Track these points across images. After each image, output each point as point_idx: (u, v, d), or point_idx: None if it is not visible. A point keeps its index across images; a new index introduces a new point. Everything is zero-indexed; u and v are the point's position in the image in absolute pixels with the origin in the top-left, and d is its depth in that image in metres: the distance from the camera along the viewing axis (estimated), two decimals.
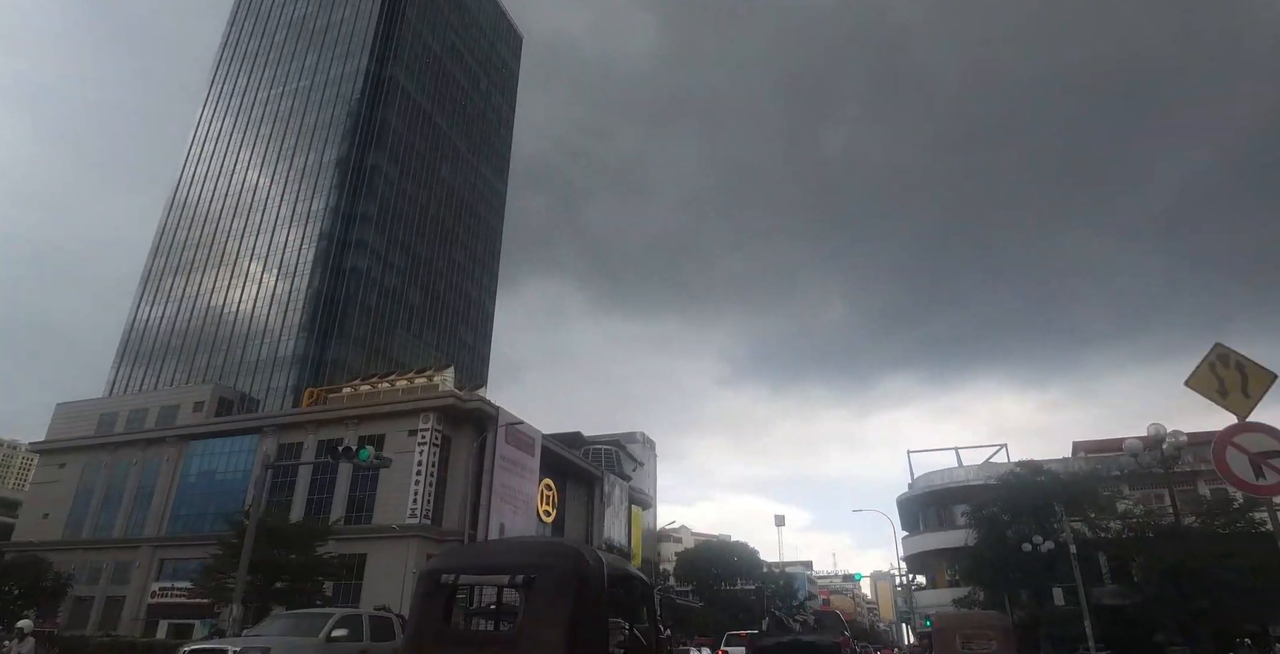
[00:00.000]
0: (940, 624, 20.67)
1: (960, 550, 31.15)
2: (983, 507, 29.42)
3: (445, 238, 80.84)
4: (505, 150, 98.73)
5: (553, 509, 59.99)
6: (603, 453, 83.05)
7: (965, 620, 20.79)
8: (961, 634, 19.32)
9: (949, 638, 19.34)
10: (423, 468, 46.21)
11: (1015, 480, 29.26)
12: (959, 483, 37.85)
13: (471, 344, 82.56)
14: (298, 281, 64.79)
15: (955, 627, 19.79)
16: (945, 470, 39.00)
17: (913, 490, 41.42)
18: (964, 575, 29.99)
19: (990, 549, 28.09)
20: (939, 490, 39.50)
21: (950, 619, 21.33)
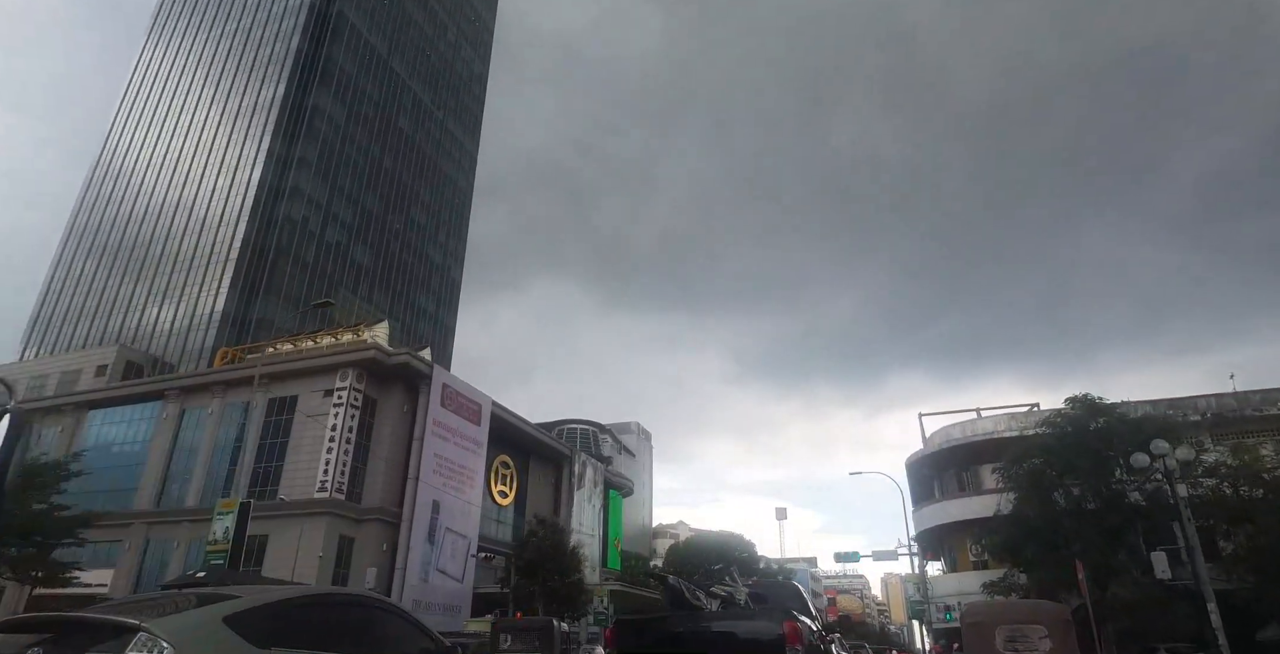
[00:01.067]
0: (974, 618, 14.86)
1: (990, 522, 23.94)
2: (1021, 459, 22.21)
3: (403, 194, 73.84)
4: (477, 109, 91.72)
5: (510, 490, 52.81)
6: (578, 433, 76.02)
7: (1007, 612, 15.52)
8: (1003, 630, 13.72)
9: (985, 635, 13.63)
10: (337, 433, 39.09)
11: (1067, 422, 22.09)
12: (986, 435, 30.02)
13: (433, 313, 75.51)
14: (224, 233, 57.88)
15: (994, 620, 14.21)
16: (968, 421, 31.58)
17: (926, 449, 33.61)
18: (998, 552, 22.77)
19: (1037, 513, 20.90)
20: (961, 446, 30.96)
21: (986, 611, 15.61)
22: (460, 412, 44.37)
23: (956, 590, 29.27)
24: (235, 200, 58.95)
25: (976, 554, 28.99)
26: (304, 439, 40.08)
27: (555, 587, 27.11)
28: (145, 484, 43.94)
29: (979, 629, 13.91)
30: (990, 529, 23.48)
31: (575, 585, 27.23)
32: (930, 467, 34.14)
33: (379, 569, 38.20)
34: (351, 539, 38.68)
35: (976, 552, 28.83)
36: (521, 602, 27.79)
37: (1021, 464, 22.34)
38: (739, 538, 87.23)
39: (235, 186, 59.68)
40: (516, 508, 53.94)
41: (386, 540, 38.87)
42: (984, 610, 15.14)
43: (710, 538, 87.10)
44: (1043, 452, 21.91)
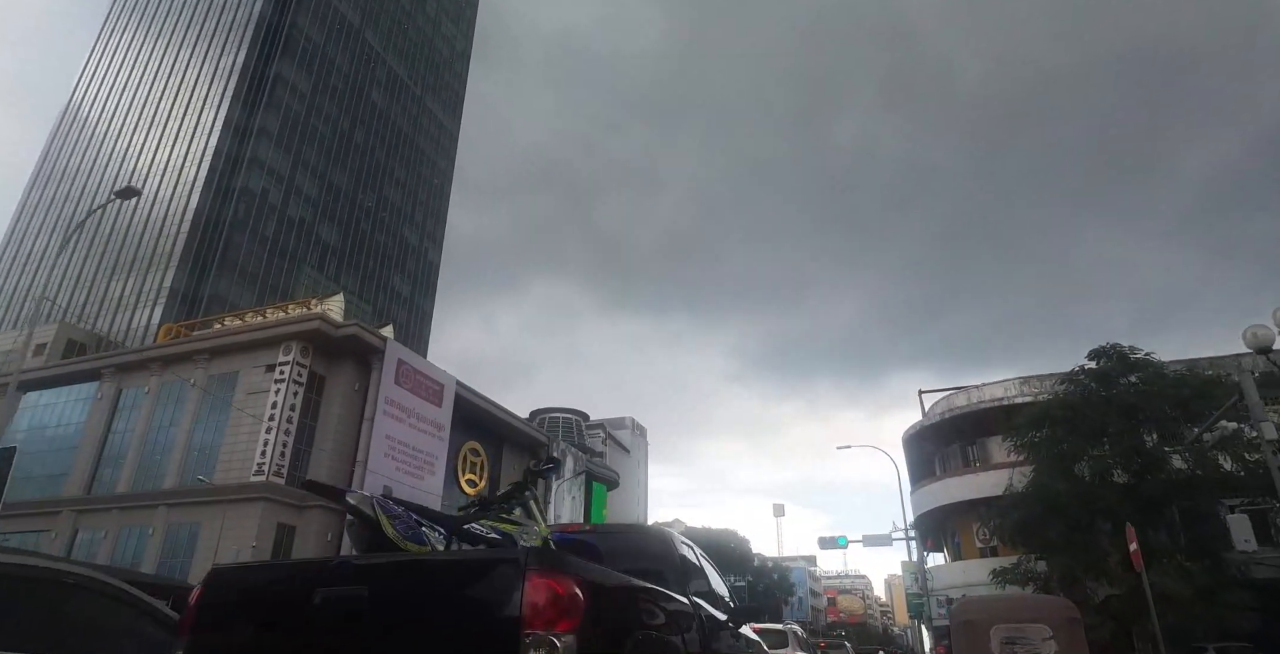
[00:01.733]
0: (965, 615, 12.51)
1: (1000, 501, 20.38)
2: (1039, 423, 18.63)
3: (376, 172, 70.39)
4: (459, 87, 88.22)
5: (480, 478, 49.29)
6: (560, 422, 72.57)
7: (1005, 609, 13.08)
8: (1000, 630, 11.50)
9: (978, 636, 11.37)
10: (278, 412, 35.67)
11: (1092, 379, 18.55)
12: (995, 402, 25.76)
13: (408, 297, 72.03)
14: (176, 205, 54.48)
15: (989, 618, 11.96)
16: (976, 387, 27.91)
17: (926, 420, 29.26)
18: (1012, 534, 19.17)
19: (1060, 486, 17.33)
20: (966, 415, 26.80)
21: (980, 608, 13.25)
22: (419, 391, 40.90)
23: (962, 581, 25.58)
24: (189, 171, 55.60)
25: (984, 539, 25.29)
26: (244, 419, 36.66)
27: None
28: (77, 470, 40.56)
29: (971, 629, 11.34)
30: (1001, 509, 19.96)
31: None
32: (931, 440, 29.88)
33: None
34: (292, 527, 35.25)
35: (984, 536, 25.15)
36: None
37: (1040, 429, 18.83)
38: (732, 534, 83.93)
39: (190, 156, 56.35)
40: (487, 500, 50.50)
41: (332, 530, 35.36)
42: (977, 607, 12.82)
43: (700, 534, 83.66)
44: (1064, 413, 18.36)
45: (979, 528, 24.99)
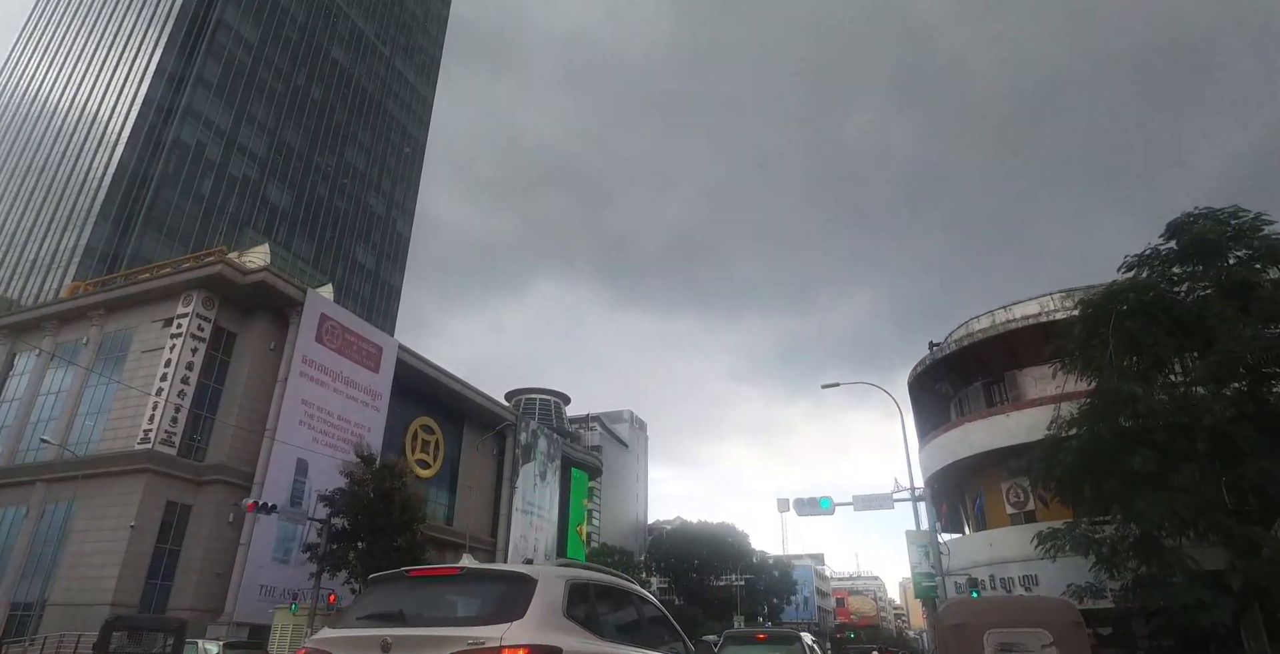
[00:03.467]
0: (955, 618, 9.76)
1: (1038, 448, 14.75)
2: (1103, 323, 12.85)
3: (335, 133, 65.41)
4: (434, 51, 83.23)
5: (433, 459, 44.13)
6: (536, 403, 67.38)
7: (999, 612, 10.33)
8: (994, 636, 8.98)
9: (969, 642, 8.84)
10: (171, 371, 30.63)
11: (1182, 254, 12.82)
12: (1028, 320, 19.35)
13: (373, 270, 66.97)
14: (99, 158, 49.65)
15: (981, 622, 9.37)
16: (1002, 308, 21.94)
17: (940, 351, 22.20)
18: (1066, 482, 13.48)
19: (1142, 405, 11.61)
20: (991, 340, 20.30)
21: (972, 611, 10.53)
22: (349, 352, 35.74)
23: (988, 557, 19.60)
24: (116, 121, 50.77)
25: (1017, 500, 19.66)
26: (136, 381, 31.58)
27: (382, 549, 18.49)
28: None
29: (962, 634, 9.10)
30: (1045, 452, 14.42)
31: (405, 550, 18.55)
32: (945, 377, 22.83)
33: (222, 545, 29.68)
34: (188, 507, 30.21)
35: (1017, 497, 19.55)
36: (339, 569, 19.20)
37: (1102, 333, 13.12)
38: (730, 528, 78.47)
39: (119, 107, 51.56)
40: (443, 481, 45.35)
41: (234, 511, 30.15)
42: (968, 610, 10.49)
43: (696, 528, 78.20)
44: (1142, 302, 12.70)
45: (1010, 488, 19.43)
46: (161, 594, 28.59)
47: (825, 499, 17.11)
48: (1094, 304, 13.27)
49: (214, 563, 29.23)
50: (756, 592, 77.54)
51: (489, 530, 48.15)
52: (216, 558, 29.45)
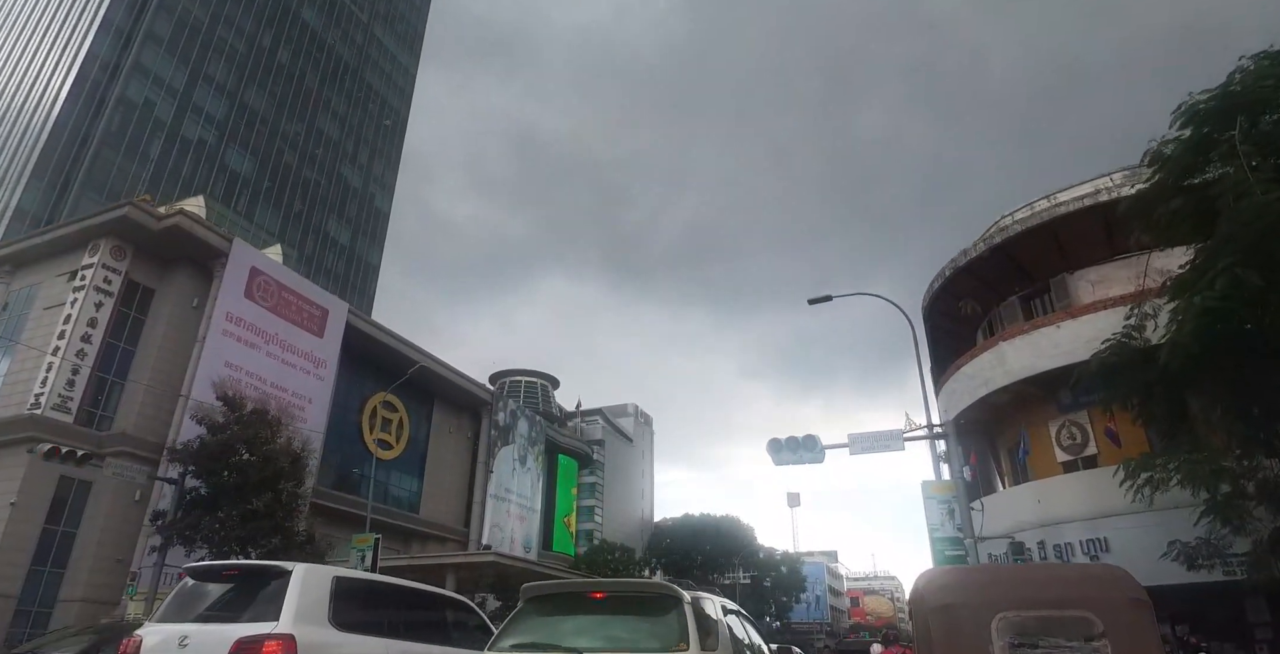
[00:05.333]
0: (942, 595, 4.62)
1: (1111, 351, 10.41)
2: (1214, 143, 8.53)
3: (305, 99, 61.74)
4: (418, 22, 79.57)
5: (396, 441, 40.19)
6: (522, 386, 63.31)
7: (1014, 585, 4.76)
8: (1007, 621, 4.07)
9: (966, 628, 4.11)
10: (70, 327, 26.83)
11: None
12: (1087, 200, 14.63)
13: (347, 245, 63.23)
14: (37, 116, 46.22)
15: (984, 600, 4.32)
16: (1043, 198, 16.46)
17: (967, 255, 17.55)
18: (1160, 387, 9.20)
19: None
20: (1032, 234, 15.74)
21: (968, 583, 5.01)
22: (286, 312, 31.87)
23: (1035, 517, 14.98)
24: (56, 79, 47.28)
25: (1073, 441, 15.18)
26: (35, 341, 27.82)
27: (241, 516, 14.50)
28: None
29: (952, 620, 4.45)
30: (1117, 356, 10.10)
31: (266, 515, 14.54)
32: (972, 291, 18.00)
33: (126, 527, 25.80)
34: (86, 482, 26.30)
35: (1073, 437, 15.13)
36: (194, 543, 15.18)
37: (1224, 142, 8.63)
38: (734, 521, 74.07)
39: (61, 63, 48.06)
40: (409, 466, 41.40)
41: (141, 488, 26.22)
42: (963, 584, 5.23)
43: (699, 521, 73.80)
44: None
45: (1062, 426, 14.92)
46: (50, 583, 24.82)
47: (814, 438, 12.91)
48: (1223, 97, 8.69)
49: (114, 547, 25.38)
50: (763, 589, 73.13)
51: (462, 520, 44.23)
52: (118, 542, 25.60)
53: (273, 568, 7.97)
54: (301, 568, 7.84)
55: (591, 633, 4.95)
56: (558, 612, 5.39)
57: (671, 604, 4.89)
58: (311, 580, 7.93)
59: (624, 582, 5.96)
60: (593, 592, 5.34)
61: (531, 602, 5.53)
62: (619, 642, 4.81)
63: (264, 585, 8.00)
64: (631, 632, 4.93)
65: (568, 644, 4.80)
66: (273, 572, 7.96)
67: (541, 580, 5.95)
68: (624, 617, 5.13)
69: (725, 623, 5.60)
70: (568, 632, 5.08)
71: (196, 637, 7.51)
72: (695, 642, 4.57)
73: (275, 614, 7.48)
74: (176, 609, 8.16)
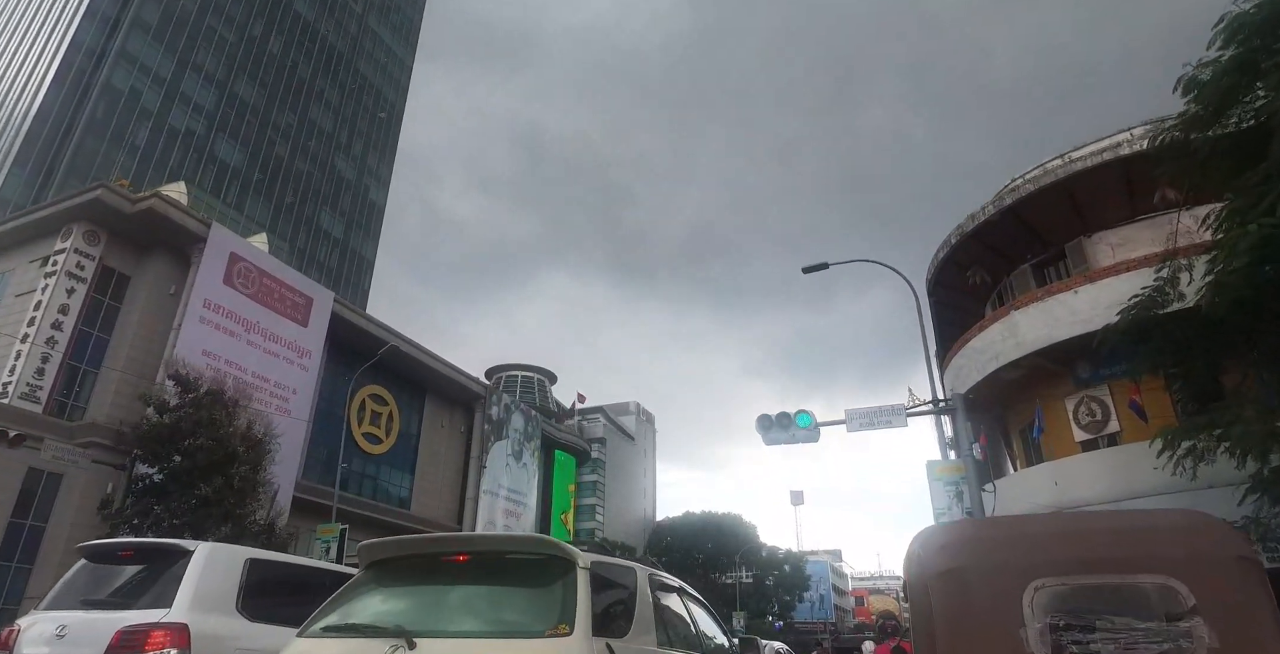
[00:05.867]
0: (946, 558, 2.88)
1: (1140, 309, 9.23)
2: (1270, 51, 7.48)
3: (298, 90, 60.92)
4: (414, 12, 78.68)
5: (385, 434, 39.24)
6: (519, 380, 62.39)
7: (1060, 541, 2.86)
8: (1048, 592, 2.50)
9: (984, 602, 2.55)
10: (41, 314, 25.91)
11: None
12: (1107, 154, 13.45)
13: (340, 239, 62.36)
14: (21, 104, 45.46)
15: (1014, 561, 2.69)
16: (1060, 155, 15.31)
17: (977, 219, 16.28)
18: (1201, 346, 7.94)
19: None
20: (1050, 190, 14.53)
21: (987, 541, 3.06)
22: (267, 300, 30.89)
23: (1052, 500, 13.52)
24: (41, 66, 46.51)
25: (1093, 417, 13.94)
26: (5, 329, 26.91)
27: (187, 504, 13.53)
28: None
29: (963, 587, 2.76)
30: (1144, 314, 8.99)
31: (216, 502, 13.47)
32: (980, 259, 16.78)
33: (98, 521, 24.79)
34: (57, 475, 25.26)
35: (1092, 413, 13.89)
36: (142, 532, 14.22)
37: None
38: (735, 518, 73.04)
39: (46, 51, 47.28)
40: (400, 460, 40.44)
41: (113, 479, 25.28)
42: (980, 540, 3.18)
43: (700, 518, 72.81)
44: None
45: (1081, 402, 13.75)
46: (17, 579, 23.87)
47: (803, 415, 11.77)
48: (1273, 4, 7.53)
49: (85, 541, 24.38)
50: (766, 588, 72.11)
51: (454, 517, 43.26)
52: (89, 535, 24.37)
53: (174, 548, 6.95)
54: (205, 548, 6.82)
55: (438, 609, 3.66)
56: (405, 580, 4.00)
57: (559, 570, 3.56)
58: (217, 563, 6.89)
59: (495, 537, 4.76)
60: (453, 553, 3.92)
61: (374, 568, 4.11)
62: (467, 622, 3.51)
63: (165, 568, 6.97)
64: (495, 607, 3.65)
65: (394, 626, 3.42)
66: (175, 552, 6.94)
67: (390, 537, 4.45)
68: (492, 586, 3.79)
69: (655, 602, 4.26)
70: (406, 608, 3.75)
71: (76, 627, 6.51)
72: (584, 623, 3.25)
73: (170, 600, 6.48)
74: (66, 595, 7.16)
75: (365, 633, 3.42)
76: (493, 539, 4.20)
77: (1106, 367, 12.29)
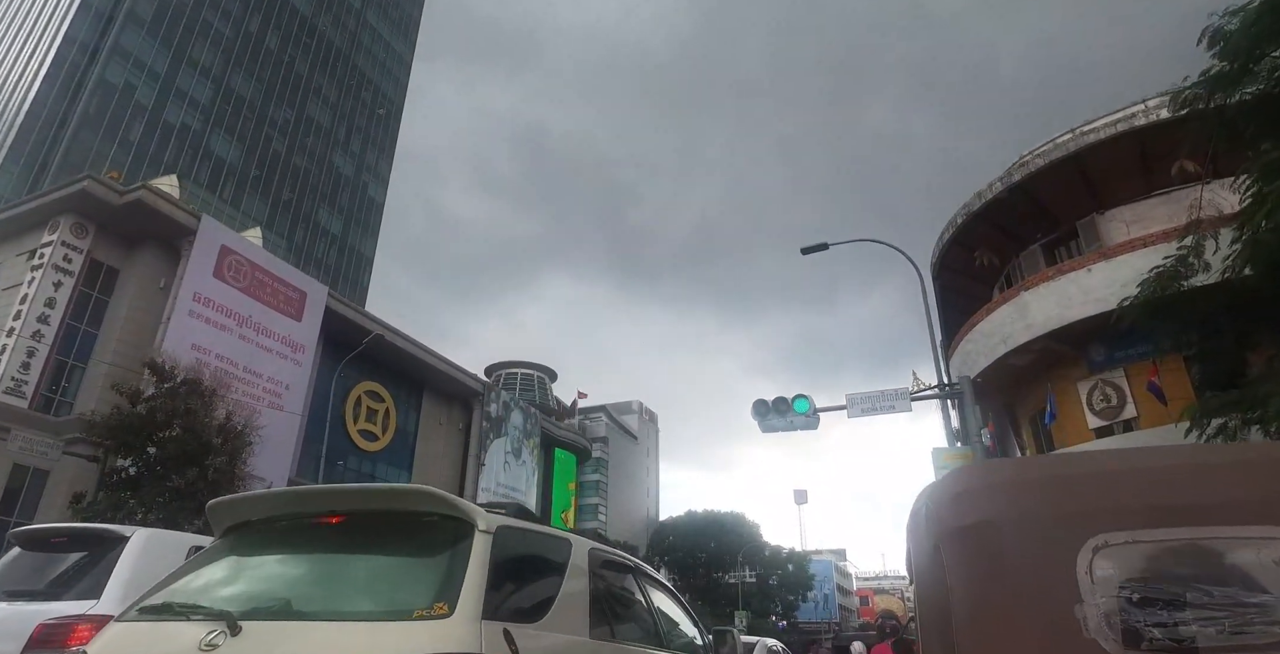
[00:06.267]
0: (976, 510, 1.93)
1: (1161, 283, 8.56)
2: None
3: (295, 85, 60.40)
4: (413, 7, 78.07)
5: (382, 431, 38.72)
6: (518, 378, 61.83)
7: (1126, 483, 1.87)
8: (1115, 551, 1.68)
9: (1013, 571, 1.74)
10: (27, 308, 25.44)
11: None
12: (1122, 125, 12.68)
13: (339, 236, 61.82)
14: (14, 100, 45.04)
15: (1066, 511, 1.76)
16: (1072, 131, 14.41)
17: (984, 197, 15.36)
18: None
19: None
20: (1061, 165, 13.83)
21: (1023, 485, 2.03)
22: (259, 294, 30.37)
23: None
24: (34, 62, 46.10)
25: (1107, 403, 13.16)
26: None
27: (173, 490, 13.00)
28: None
29: (992, 547, 1.85)
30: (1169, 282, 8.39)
31: (189, 495, 12.90)
32: (988, 241, 16.02)
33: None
34: (43, 472, 24.82)
35: (1107, 399, 13.18)
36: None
37: None
38: (738, 517, 72.41)
39: (40, 46, 46.86)
40: (397, 458, 39.89)
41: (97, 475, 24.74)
42: (1017, 483, 2.10)
43: (703, 517, 72.13)
44: None
45: (1095, 387, 13.09)
46: None
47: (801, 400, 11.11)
48: None
49: None
50: (769, 587, 71.43)
51: None
52: None
53: (110, 534, 6.40)
54: (142, 535, 6.26)
55: (288, 584, 2.88)
56: (262, 549, 3.21)
57: (453, 535, 2.80)
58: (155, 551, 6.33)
59: (372, 491, 3.37)
60: (323, 513, 3.10)
61: (232, 535, 3.31)
62: (316, 601, 2.73)
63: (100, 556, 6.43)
64: (361, 581, 2.87)
65: (219, 607, 2.66)
66: (111, 539, 6.40)
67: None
68: (367, 555, 3.00)
69: (594, 583, 3.48)
70: (246, 584, 2.97)
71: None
72: (471, 602, 2.51)
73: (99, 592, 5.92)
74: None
75: (184, 616, 2.72)
76: (370, 493, 3.30)
77: (1122, 348, 11.70)
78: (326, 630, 2.51)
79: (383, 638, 2.40)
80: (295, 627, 2.57)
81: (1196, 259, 8.66)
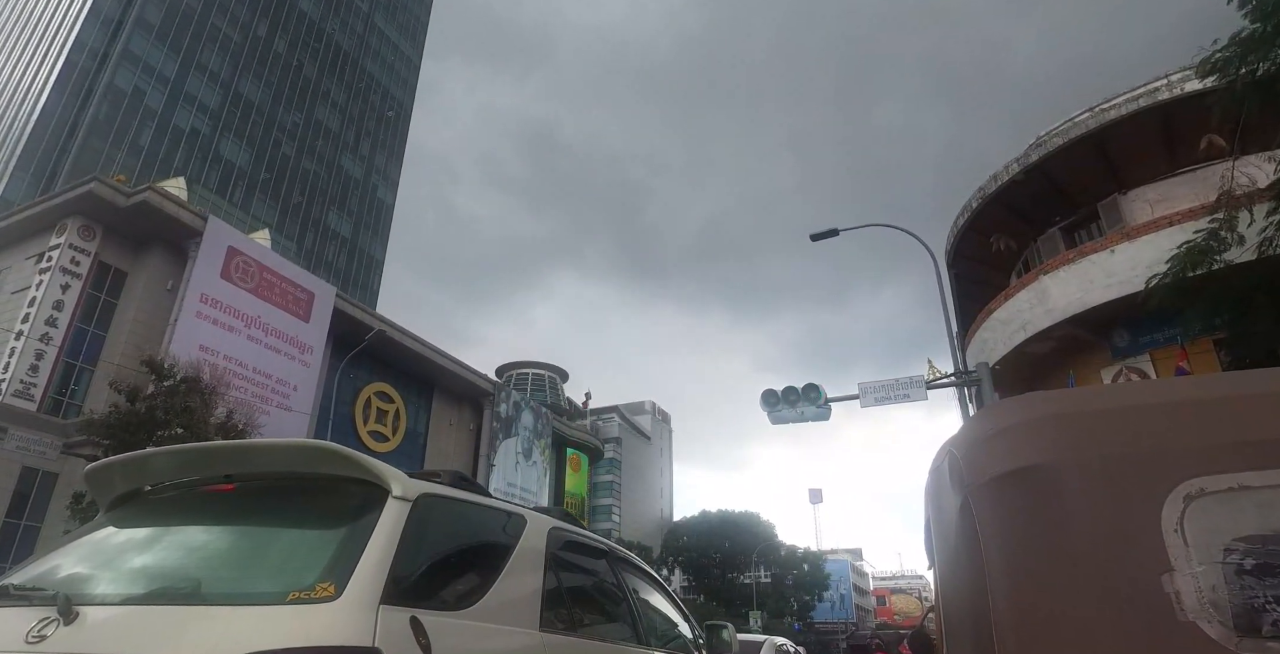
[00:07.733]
0: (1031, 446, 1.41)
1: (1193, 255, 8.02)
2: None
3: (303, 89, 60.46)
4: (421, 10, 78.13)
5: (392, 432, 38.54)
6: (529, 378, 61.52)
7: (1228, 410, 1.37)
8: (1212, 505, 1.19)
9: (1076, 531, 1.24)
10: (35, 311, 25.39)
11: None
12: (1146, 100, 12.08)
13: (349, 238, 61.75)
14: (25, 107, 45.28)
15: (1145, 452, 1.26)
16: (1090, 109, 13.86)
17: (1000, 179, 14.77)
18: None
19: None
20: (1081, 144, 13.20)
21: (1107, 415, 1.46)
22: (268, 294, 30.22)
23: None
24: (45, 69, 46.33)
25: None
26: (1, 326, 26.42)
27: None
28: None
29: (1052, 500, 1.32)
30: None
31: None
32: (1005, 225, 15.35)
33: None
34: (51, 474, 24.78)
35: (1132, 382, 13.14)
36: None
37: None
38: (753, 517, 71.71)
39: (49, 53, 47.11)
40: (407, 459, 39.58)
41: None
42: (1079, 416, 1.50)
43: (717, 517, 71.50)
44: None
45: (1119, 375, 12.53)
46: None
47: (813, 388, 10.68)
48: None
49: None
50: (784, 588, 70.76)
51: None
52: None
53: None
54: None
55: (145, 563, 2.39)
56: (140, 521, 2.70)
57: (359, 503, 2.33)
58: None
59: (266, 446, 2.69)
60: (215, 480, 2.65)
61: (118, 507, 2.81)
62: (172, 582, 2.24)
63: None
64: (237, 558, 2.37)
65: (56, 590, 2.16)
66: None
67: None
68: (259, 527, 2.53)
69: (552, 568, 2.96)
70: (97, 563, 2.48)
71: None
72: (367, 582, 2.03)
73: None
74: None
75: (16, 600, 2.28)
76: (265, 450, 2.74)
77: (1147, 333, 11.21)
78: (177, 616, 2.08)
79: (241, 625, 1.94)
80: (137, 612, 2.15)
81: (1230, 232, 8.22)
